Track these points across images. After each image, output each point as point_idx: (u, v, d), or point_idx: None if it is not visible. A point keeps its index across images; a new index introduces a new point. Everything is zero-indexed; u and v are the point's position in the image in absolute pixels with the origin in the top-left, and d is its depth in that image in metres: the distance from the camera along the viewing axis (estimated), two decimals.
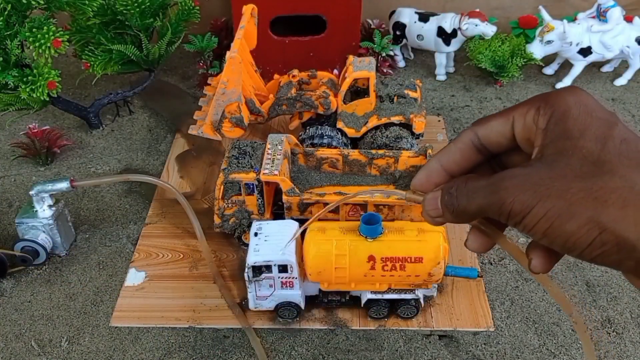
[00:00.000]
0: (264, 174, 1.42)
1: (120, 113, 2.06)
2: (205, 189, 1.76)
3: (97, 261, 1.54)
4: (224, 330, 1.37)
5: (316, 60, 2.07)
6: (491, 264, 1.53)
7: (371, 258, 1.28)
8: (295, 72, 1.74)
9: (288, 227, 1.36)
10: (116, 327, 1.37)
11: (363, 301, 1.37)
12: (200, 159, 1.88)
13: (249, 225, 1.51)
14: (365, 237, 1.28)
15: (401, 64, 2.32)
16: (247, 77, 1.73)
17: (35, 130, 1.80)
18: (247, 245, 1.54)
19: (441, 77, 2.24)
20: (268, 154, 1.48)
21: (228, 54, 1.57)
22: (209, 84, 1.85)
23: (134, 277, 1.49)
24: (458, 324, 1.37)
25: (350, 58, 1.73)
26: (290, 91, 1.72)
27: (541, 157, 0.44)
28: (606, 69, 2.27)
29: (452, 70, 2.28)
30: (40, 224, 1.48)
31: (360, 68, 1.67)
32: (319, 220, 1.47)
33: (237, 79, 1.59)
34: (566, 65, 2.19)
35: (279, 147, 1.50)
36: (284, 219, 1.50)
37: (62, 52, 1.69)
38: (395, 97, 1.71)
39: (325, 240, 1.29)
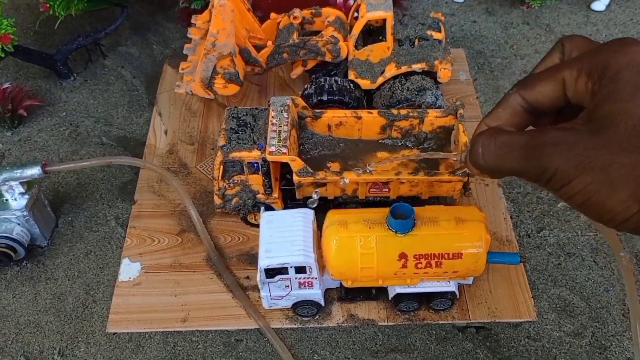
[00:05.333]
0: (270, 152, 1.21)
1: (92, 58, 1.78)
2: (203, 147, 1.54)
3: (84, 250, 1.35)
4: (235, 333, 1.22)
5: None
6: (529, 236, 1.36)
7: (402, 256, 1.10)
8: (297, 12, 1.46)
9: (303, 218, 1.16)
10: (114, 334, 1.22)
11: (391, 295, 1.21)
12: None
13: (255, 205, 1.31)
14: (395, 232, 1.09)
15: None
16: (239, 17, 1.44)
17: None
18: (252, 225, 1.36)
19: None
20: (273, 124, 1.25)
21: (216, 1, 1.28)
22: (194, 24, 1.57)
23: (128, 270, 1.31)
24: (497, 315, 1.22)
25: None
26: (291, 36, 1.45)
27: (588, 120, 0.42)
28: None
29: None
30: (14, 215, 1.27)
31: (376, 7, 1.40)
32: (338, 207, 1.29)
33: (228, 30, 1.32)
34: None
35: (285, 115, 1.27)
36: (294, 197, 1.30)
37: None
38: (417, 40, 1.45)
39: (348, 237, 1.10)
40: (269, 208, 1.29)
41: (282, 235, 1.14)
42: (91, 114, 1.65)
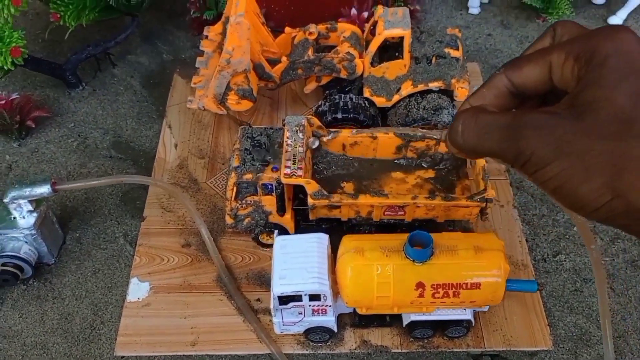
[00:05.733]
0: (285, 175, 1.18)
1: (101, 67, 1.75)
2: (213, 164, 1.52)
3: (92, 269, 1.33)
4: (246, 358, 1.19)
5: None
6: (545, 260, 1.34)
7: (420, 285, 1.08)
8: (313, 28, 1.43)
9: (318, 244, 1.14)
10: (122, 357, 1.20)
11: (405, 322, 1.19)
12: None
13: (267, 225, 1.29)
14: (413, 261, 1.07)
15: None
16: (254, 32, 1.42)
17: (3, 101, 1.51)
18: (264, 245, 1.34)
19: (474, 9, 1.92)
20: (288, 145, 1.23)
21: (232, 18, 1.26)
22: (206, 37, 1.54)
23: (137, 290, 1.29)
24: (512, 343, 1.20)
25: (380, 9, 1.41)
26: (306, 52, 1.43)
27: (571, 105, 0.42)
28: None
29: (486, 0, 1.95)
30: (22, 234, 1.25)
31: (394, 24, 1.37)
32: (351, 229, 1.27)
33: (244, 47, 1.30)
34: None
35: (300, 136, 1.25)
36: (307, 218, 1.28)
37: (23, 9, 1.37)
38: (434, 58, 1.42)
39: (365, 265, 1.08)
40: (282, 230, 1.27)
41: (297, 261, 1.11)
42: (100, 125, 1.62)
